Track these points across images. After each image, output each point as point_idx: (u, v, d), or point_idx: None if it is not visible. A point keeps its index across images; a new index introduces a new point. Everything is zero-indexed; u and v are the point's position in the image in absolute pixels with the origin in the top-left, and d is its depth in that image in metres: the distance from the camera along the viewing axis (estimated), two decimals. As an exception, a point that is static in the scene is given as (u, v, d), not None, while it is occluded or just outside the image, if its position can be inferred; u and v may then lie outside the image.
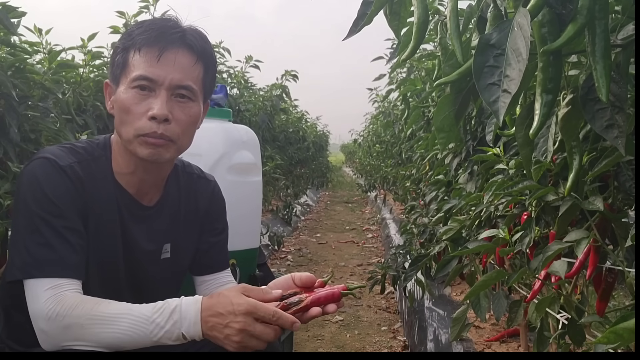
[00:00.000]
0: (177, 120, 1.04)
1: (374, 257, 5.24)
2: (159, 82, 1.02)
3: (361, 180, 12.43)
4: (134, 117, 1.02)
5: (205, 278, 1.25)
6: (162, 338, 0.92)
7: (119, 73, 1.05)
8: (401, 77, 3.41)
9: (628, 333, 0.43)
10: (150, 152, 1.04)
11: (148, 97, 1.02)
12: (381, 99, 5.47)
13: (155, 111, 1.01)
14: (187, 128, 1.07)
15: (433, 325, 2.35)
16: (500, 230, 1.26)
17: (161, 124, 1.02)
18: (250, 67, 4.50)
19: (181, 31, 1.05)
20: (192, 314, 0.92)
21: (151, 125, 1.01)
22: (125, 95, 1.03)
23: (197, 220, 1.24)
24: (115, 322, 0.92)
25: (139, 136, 1.02)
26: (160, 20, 1.09)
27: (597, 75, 0.66)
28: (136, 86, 1.02)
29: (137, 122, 1.02)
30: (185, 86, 1.05)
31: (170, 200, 1.20)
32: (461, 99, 0.88)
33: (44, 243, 0.98)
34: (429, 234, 2.54)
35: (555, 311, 1.25)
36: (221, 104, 2.18)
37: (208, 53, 1.10)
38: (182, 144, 1.08)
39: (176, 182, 1.22)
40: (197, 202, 1.24)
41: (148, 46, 1.02)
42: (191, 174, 1.26)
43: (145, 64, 1.02)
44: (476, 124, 1.83)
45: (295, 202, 7.91)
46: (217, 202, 1.29)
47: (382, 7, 0.88)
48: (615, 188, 1.07)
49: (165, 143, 1.04)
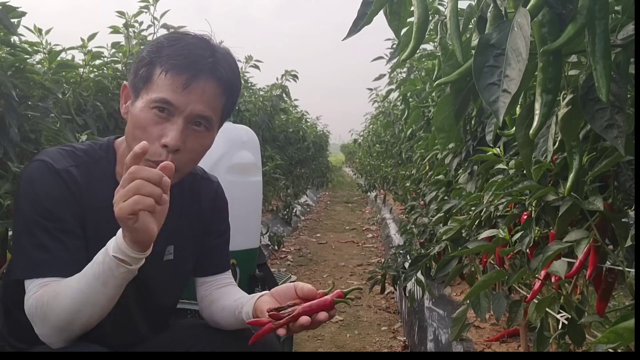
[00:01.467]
0: (189, 149, 1.02)
1: (374, 257, 5.24)
2: (180, 109, 0.99)
3: (361, 180, 12.42)
4: (146, 138, 0.99)
5: (206, 279, 1.25)
6: (105, 274, 0.90)
7: (141, 87, 1.02)
8: (401, 77, 3.41)
9: (628, 333, 0.43)
10: None
11: (165, 122, 0.99)
12: (381, 99, 5.47)
13: (169, 140, 0.98)
14: (196, 157, 1.06)
15: (433, 325, 2.35)
16: (500, 230, 1.26)
17: (171, 153, 1.00)
18: (250, 67, 4.50)
19: (213, 62, 1.01)
20: (115, 237, 0.91)
21: (161, 152, 0.99)
22: (142, 114, 1.00)
23: (201, 221, 1.23)
24: (68, 287, 0.92)
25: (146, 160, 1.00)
26: (194, 43, 1.03)
27: (597, 75, 0.66)
28: (155, 107, 0.99)
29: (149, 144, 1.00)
30: (205, 117, 1.02)
31: (173, 201, 1.19)
32: (461, 99, 0.88)
33: (39, 245, 0.99)
34: (429, 234, 2.55)
35: (555, 311, 1.25)
36: (221, 104, 2.18)
37: (235, 84, 1.07)
38: (186, 170, 1.07)
39: (179, 183, 1.20)
40: (200, 202, 1.23)
41: (177, 71, 0.99)
42: (194, 174, 1.25)
43: (169, 88, 0.99)
44: (476, 124, 1.83)
45: (295, 202, 7.91)
46: (220, 203, 1.28)
47: (382, 7, 0.88)
48: (615, 188, 1.07)
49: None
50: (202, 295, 1.24)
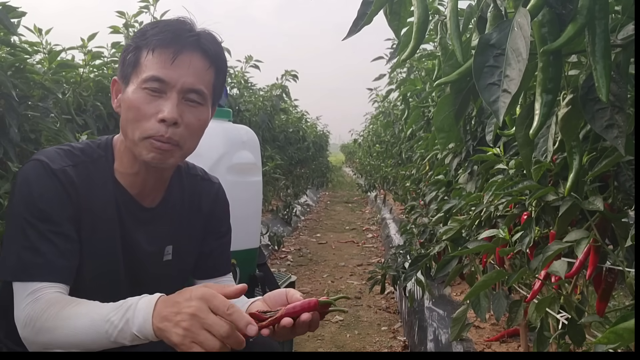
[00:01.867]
0: (187, 124, 1.02)
1: (374, 257, 5.24)
2: (171, 84, 1.00)
3: (361, 180, 12.43)
4: (142, 118, 1.00)
5: (206, 282, 1.23)
6: (118, 337, 0.86)
7: (129, 72, 1.03)
8: (401, 77, 3.41)
9: (628, 333, 0.43)
10: (155, 156, 1.02)
11: (158, 99, 1.00)
12: (381, 99, 5.47)
13: (166, 114, 0.98)
14: (195, 132, 1.06)
15: (433, 325, 2.35)
16: (500, 230, 1.26)
17: (170, 127, 1.00)
18: (250, 67, 4.50)
19: (197, 35, 1.03)
20: (145, 310, 0.85)
21: (159, 128, 0.99)
22: (135, 95, 1.00)
23: (201, 222, 1.22)
24: (75, 318, 0.89)
25: (145, 138, 1.00)
26: (176, 22, 1.05)
27: (597, 75, 0.66)
28: (147, 87, 1.00)
29: (145, 123, 1.00)
30: (197, 90, 1.03)
31: (173, 201, 1.18)
32: (461, 99, 0.88)
33: (30, 247, 0.98)
34: (429, 234, 2.55)
35: (555, 311, 1.25)
36: (221, 104, 2.18)
37: (221, 58, 1.08)
38: (187, 148, 1.07)
39: (179, 184, 1.20)
40: (200, 203, 1.23)
41: (162, 47, 1.00)
42: (195, 175, 1.25)
43: (158, 65, 1.00)
44: (476, 124, 1.83)
45: (295, 202, 7.91)
46: (221, 204, 1.27)
47: (382, 7, 0.88)
48: (615, 188, 1.07)
49: (172, 148, 1.02)
50: None
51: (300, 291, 3.53)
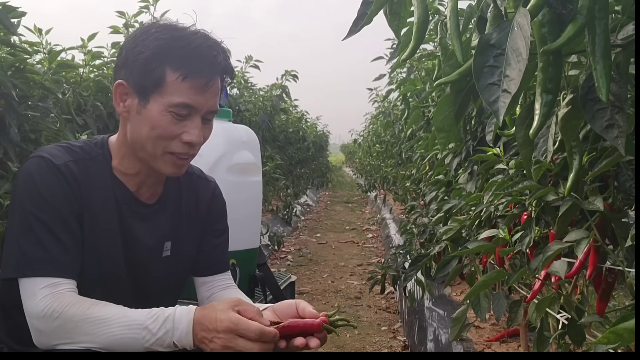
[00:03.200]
0: (204, 139, 1.08)
1: (374, 257, 5.24)
2: (198, 109, 1.03)
3: (361, 180, 12.43)
4: (167, 137, 1.03)
5: (206, 279, 1.25)
6: (154, 344, 0.92)
7: (150, 87, 1.01)
8: (401, 77, 3.41)
9: (628, 333, 0.43)
10: (175, 171, 1.08)
11: (184, 120, 1.03)
12: (381, 99, 5.47)
13: (194, 139, 1.03)
14: (205, 140, 1.11)
15: (433, 325, 2.35)
16: (500, 230, 1.26)
17: (192, 147, 1.05)
18: (250, 67, 4.50)
19: (222, 60, 1.05)
20: (185, 324, 0.92)
21: (184, 148, 1.04)
22: (161, 116, 1.01)
23: (199, 221, 1.24)
24: (108, 323, 0.93)
25: (167, 154, 1.04)
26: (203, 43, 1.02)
27: (597, 75, 0.66)
28: (176, 112, 1.02)
29: (169, 143, 1.03)
30: (214, 111, 1.08)
31: (171, 197, 1.20)
32: (461, 99, 0.88)
33: (37, 242, 0.98)
34: (429, 234, 2.54)
35: (555, 311, 1.25)
36: (221, 104, 2.18)
37: (232, 72, 1.11)
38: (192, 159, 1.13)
39: (176, 180, 1.22)
40: (197, 202, 1.24)
41: (196, 76, 1.00)
42: (191, 174, 1.26)
43: (190, 92, 1.01)
44: (476, 124, 1.83)
45: (295, 202, 7.91)
46: (217, 203, 1.29)
47: (382, 7, 0.88)
48: (615, 188, 1.07)
49: (189, 160, 1.09)
50: (203, 296, 1.24)
51: (300, 291, 3.54)
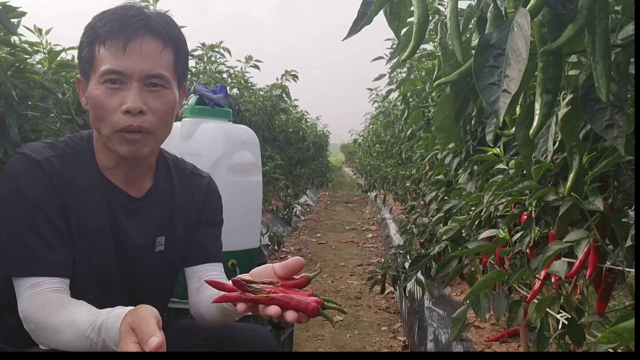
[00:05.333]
0: (153, 110, 1.01)
1: (374, 257, 5.24)
2: (128, 74, 0.99)
3: (361, 180, 12.43)
4: (108, 113, 0.99)
5: (195, 269, 1.21)
6: (103, 349, 0.87)
7: (87, 68, 1.02)
8: (401, 77, 3.41)
9: (628, 333, 0.43)
10: (130, 149, 1.01)
11: (120, 91, 0.99)
12: (381, 99, 5.47)
13: (129, 104, 0.98)
14: (164, 117, 1.04)
15: (433, 325, 2.35)
16: (500, 230, 1.26)
17: (136, 116, 0.99)
18: (250, 67, 4.50)
19: (144, 18, 1.01)
20: (114, 333, 0.85)
21: (126, 119, 0.98)
22: (96, 91, 0.99)
23: (193, 215, 1.22)
24: (61, 332, 0.90)
25: (116, 132, 1.00)
26: (121, 8, 1.02)
27: (597, 75, 0.66)
28: (105, 80, 0.99)
29: (112, 118, 0.99)
30: (156, 75, 1.01)
31: (162, 192, 1.17)
32: (461, 99, 0.88)
33: (21, 241, 0.97)
34: (429, 234, 2.54)
35: (555, 311, 1.25)
36: (221, 104, 2.18)
37: (175, 37, 1.06)
38: (160, 133, 1.05)
39: (167, 175, 1.19)
40: (192, 197, 1.22)
41: (112, 38, 0.98)
42: (184, 169, 1.24)
43: (111, 57, 0.98)
44: (476, 124, 1.83)
45: (295, 202, 7.91)
46: (212, 196, 1.26)
47: (382, 7, 0.88)
48: (615, 188, 1.07)
49: (143, 137, 1.01)
50: (192, 287, 1.20)
51: (300, 291, 3.41)
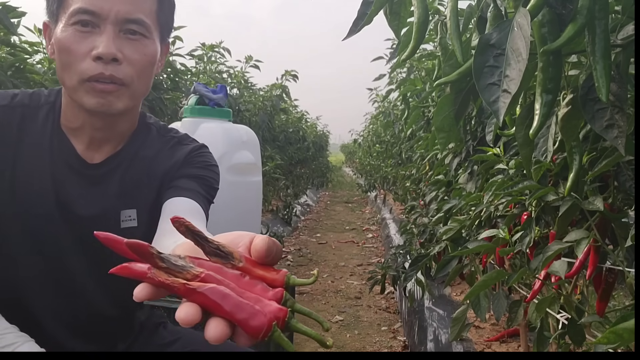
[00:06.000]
0: (129, 60, 0.88)
1: (374, 257, 5.24)
2: (102, 15, 0.85)
3: (361, 180, 12.43)
4: (76, 59, 0.85)
5: (164, 207, 0.94)
6: None
7: (56, 8, 0.89)
8: (401, 77, 3.41)
9: (628, 333, 0.43)
10: (99, 102, 0.87)
11: (91, 35, 0.86)
12: (381, 99, 5.47)
13: (101, 50, 0.84)
14: (143, 70, 0.90)
15: (433, 325, 2.35)
16: (500, 230, 1.26)
17: (109, 64, 0.85)
18: (250, 67, 4.51)
19: None
20: None
21: (96, 67, 0.85)
22: (64, 34, 0.86)
23: (171, 176, 1.02)
24: None
25: (84, 81, 0.86)
26: None
27: (597, 75, 0.66)
28: (76, 22, 0.85)
29: (80, 65, 0.85)
30: (136, 20, 0.88)
31: (130, 159, 1.00)
32: (461, 99, 0.88)
33: None
34: (429, 234, 2.54)
35: (555, 311, 1.25)
36: (221, 104, 2.18)
37: None
38: (137, 88, 0.91)
39: (144, 143, 1.03)
40: (173, 159, 1.03)
41: None
42: (171, 137, 1.06)
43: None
44: (476, 123, 1.83)
45: (295, 202, 7.91)
46: (198, 157, 1.05)
47: (382, 7, 0.88)
48: (615, 188, 1.07)
49: (117, 88, 0.88)
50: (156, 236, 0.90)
51: (300, 291, 3.53)
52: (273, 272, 0.50)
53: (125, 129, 1.00)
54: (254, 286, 0.49)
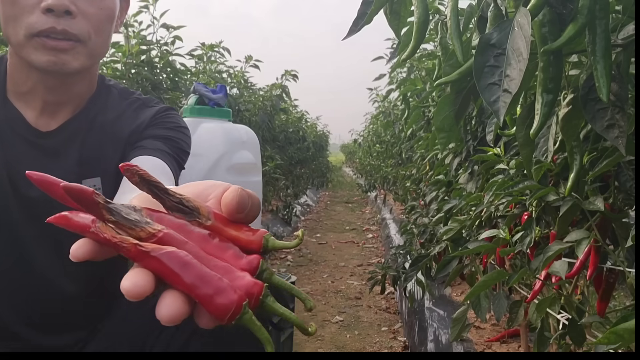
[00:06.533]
0: (85, 14, 0.78)
1: (374, 257, 5.24)
2: None
3: (361, 180, 12.44)
4: (22, 10, 0.75)
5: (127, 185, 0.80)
6: None
7: None
8: (401, 77, 3.41)
9: (628, 333, 0.43)
10: (50, 60, 0.77)
11: None
12: (381, 99, 5.47)
13: (51, 0, 0.75)
14: (100, 25, 0.81)
15: (433, 325, 2.35)
16: (501, 231, 1.26)
17: (61, 18, 0.76)
18: (250, 67, 4.50)
19: None
20: None
21: (47, 20, 0.75)
22: None
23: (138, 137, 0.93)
24: None
25: (32, 36, 0.76)
26: None
27: (598, 75, 0.66)
28: None
29: (27, 17, 0.75)
30: None
31: (89, 123, 0.90)
32: (461, 99, 0.88)
33: None
34: (429, 234, 2.54)
35: (555, 311, 1.25)
36: (221, 104, 2.18)
37: None
38: (94, 46, 0.82)
39: (107, 106, 0.93)
40: (138, 121, 0.94)
41: None
42: (135, 100, 0.96)
43: None
44: (476, 123, 1.83)
45: (295, 202, 7.91)
46: (164, 118, 0.95)
47: (382, 7, 0.87)
48: (615, 188, 1.07)
49: (71, 46, 0.78)
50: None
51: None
52: (248, 232, 0.41)
53: (82, 91, 0.90)
54: (224, 251, 0.40)
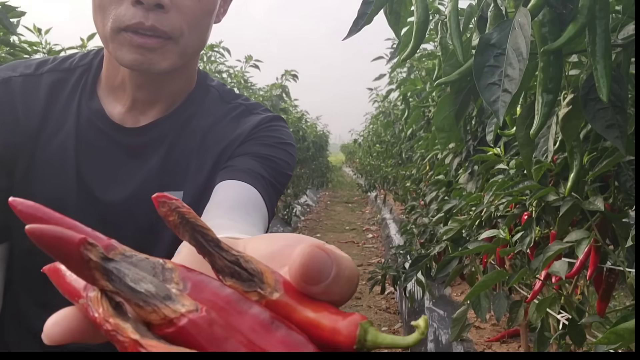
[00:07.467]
0: (179, 7, 0.69)
1: (374, 257, 5.24)
2: None
3: (361, 180, 12.44)
4: (110, 2, 0.68)
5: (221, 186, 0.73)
6: None
7: None
8: (401, 77, 3.41)
9: (628, 333, 0.43)
10: (136, 59, 0.69)
11: None
12: (381, 99, 5.47)
13: None
14: (196, 20, 0.71)
15: (433, 325, 2.35)
16: (501, 231, 1.26)
17: (151, 11, 0.67)
18: (250, 67, 4.51)
19: None
20: None
21: (135, 13, 0.66)
22: None
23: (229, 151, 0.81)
24: None
25: (119, 30, 0.68)
26: None
27: (598, 75, 0.66)
28: None
29: (115, 8, 0.67)
30: None
31: (180, 127, 0.80)
32: (461, 99, 0.88)
33: None
34: (429, 234, 2.54)
35: (555, 311, 1.25)
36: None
37: None
38: (188, 43, 0.72)
39: (202, 109, 0.82)
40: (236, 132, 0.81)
41: None
42: (237, 105, 0.84)
43: None
44: (476, 123, 1.83)
45: (295, 202, 7.91)
46: (265, 131, 0.81)
47: (382, 7, 0.87)
48: (615, 188, 1.07)
49: (160, 44, 0.69)
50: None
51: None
52: (334, 315, 0.25)
53: (177, 90, 0.80)
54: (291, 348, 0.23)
